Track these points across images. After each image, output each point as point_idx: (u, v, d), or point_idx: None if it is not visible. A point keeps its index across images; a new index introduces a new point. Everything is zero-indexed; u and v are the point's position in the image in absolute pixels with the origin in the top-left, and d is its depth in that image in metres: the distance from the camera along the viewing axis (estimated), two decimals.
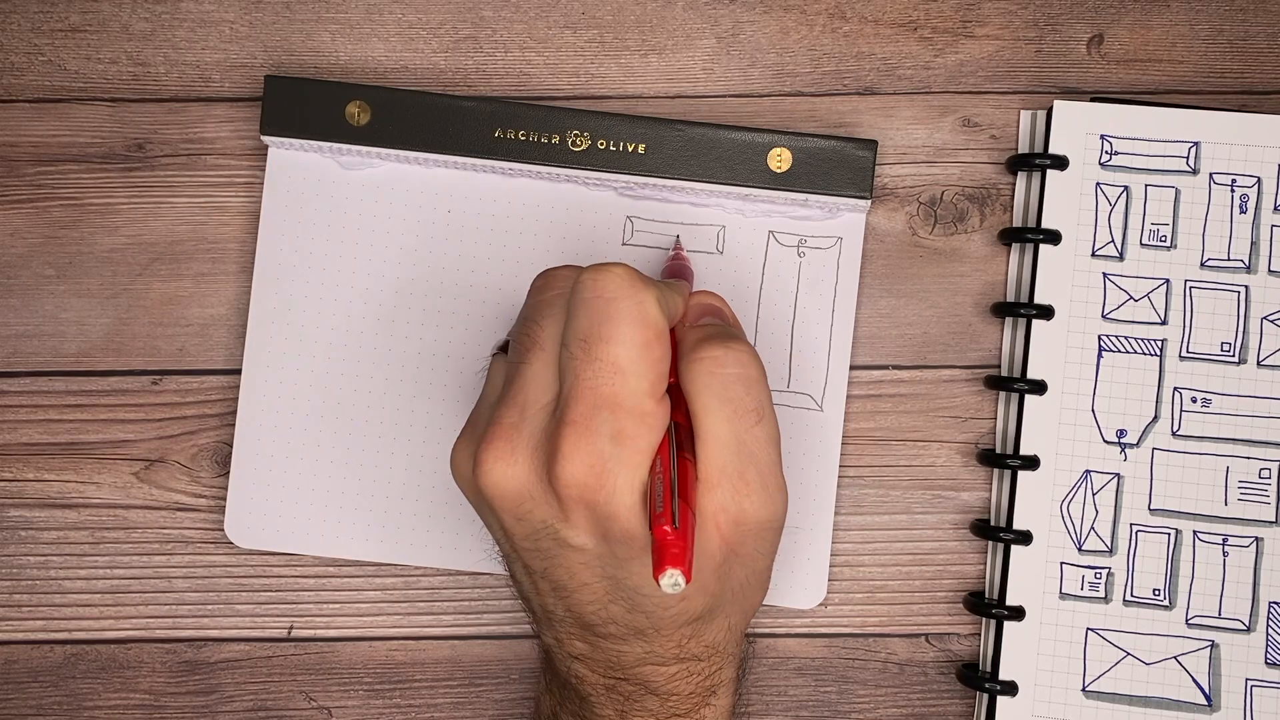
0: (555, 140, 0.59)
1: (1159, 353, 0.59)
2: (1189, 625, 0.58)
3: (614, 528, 0.49)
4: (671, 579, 0.46)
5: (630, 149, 0.59)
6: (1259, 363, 0.59)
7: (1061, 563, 0.59)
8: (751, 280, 0.61)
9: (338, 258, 0.61)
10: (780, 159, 0.59)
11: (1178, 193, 0.60)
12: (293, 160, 0.61)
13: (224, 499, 0.61)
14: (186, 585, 0.61)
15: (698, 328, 0.53)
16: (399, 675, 0.61)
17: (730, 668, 0.54)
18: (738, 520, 0.50)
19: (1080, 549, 0.59)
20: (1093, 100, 0.60)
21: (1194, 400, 0.59)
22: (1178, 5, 0.62)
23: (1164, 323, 0.59)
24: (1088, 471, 0.59)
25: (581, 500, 0.49)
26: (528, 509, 0.50)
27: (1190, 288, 0.59)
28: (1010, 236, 0.60)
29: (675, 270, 0.58)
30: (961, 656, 0.61)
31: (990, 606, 0.59)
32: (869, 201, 0.59)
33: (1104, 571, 0.59)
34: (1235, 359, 0.59)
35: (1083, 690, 0.59)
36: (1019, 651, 0.59)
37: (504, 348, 0.55)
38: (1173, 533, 0.59)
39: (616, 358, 0.49)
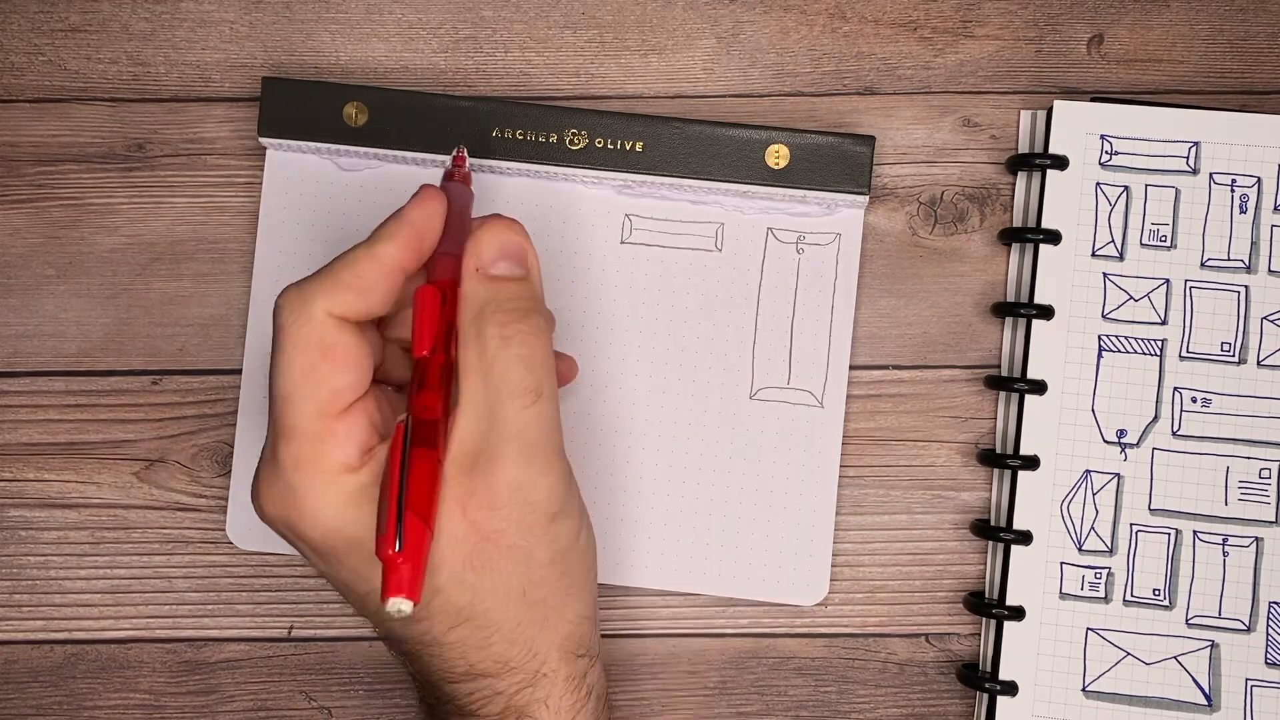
0: (553, 139, 0.59)
1: (1159, 353, 0.59)
2: (1189, 625, 0.58)
3: (335, 545, 0.48)
4: (395, 606, 0.45)
5: (628, 147, 0.59)
6: (1259, 363, 0.59)
7: (1061, 563, 0.59)
8: (751, 277, 0.61)
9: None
10: (778, 156, 0.59)
11: (1178, 193, 0.60)
12: (291, 161, 0.61)
13: (224, 499, 0.61)
14: (186, 585, 0.61)
15: (486, 283, 0.50)
16: (399, 675, 0.61)
17: (545, 687, 0.51)
18: (491, 505, 0.48)
19: (1080, 549, 0.59)
20: (1093, 100, 0.60)
21: (1194, 400, 0.59)
22: (1178, 5, 0.62)
23: (1164, 323, 0.59)
24: (1088, 471, 0.59)
25: (290, 533, 0.49)
26: (293, 545, 0.51)
27: (1190, 288, 0.59)
28: (1010, 236, 0.60)
29: (451, 202, 0.53)
30: (961, 656, 0.61)
31: (990, 606, 0.59)
32: (867, 197, 0.59)
33: (1104, 571, 0.59)
34: (1235, 359, 0.59)
35: (1083, 690, 0.58)
36: (1019, 651, 0.59)
37: None
38: (1173, 533, 0.59)
39: (281, 387, 0.48)
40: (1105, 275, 0.59)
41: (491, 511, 0.48)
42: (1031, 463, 0.59)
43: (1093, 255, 0.59)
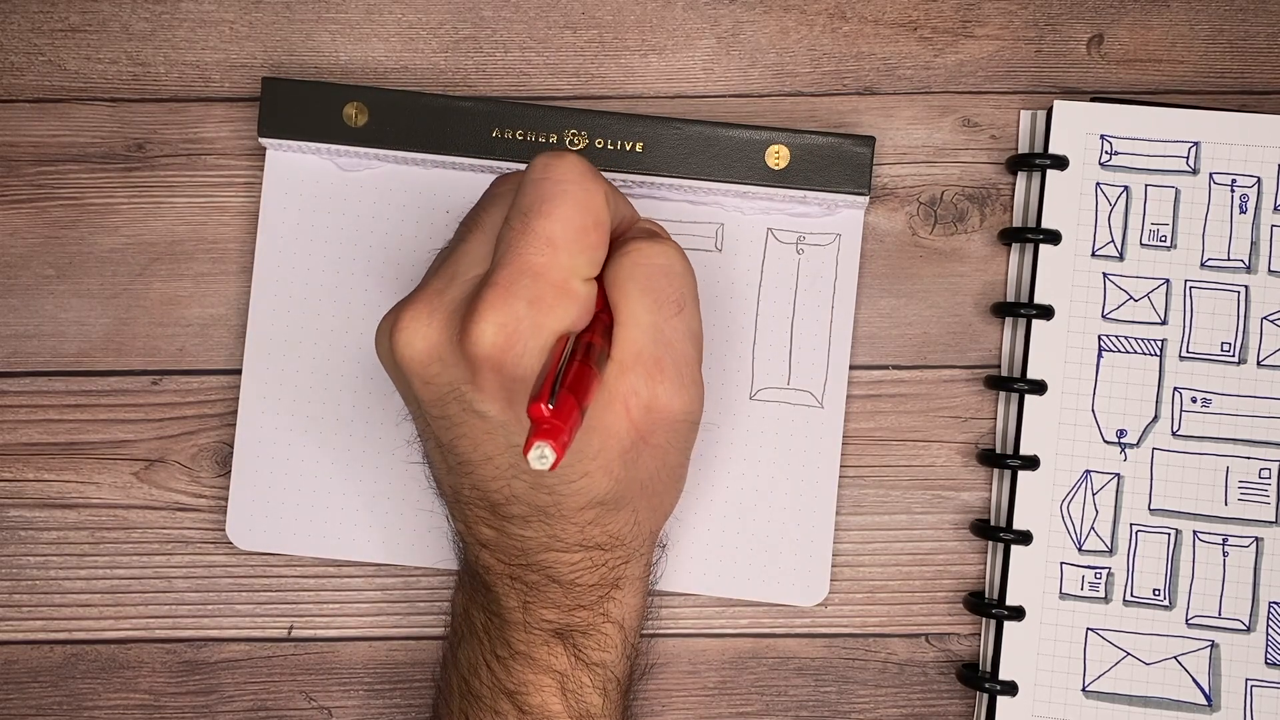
0: (553, 140, 0.59)
1: (1159, 353, 0.59)
2: (1189, 625, 0.58)
3: (520, 392, 0.49)
4: (538, 452, 0.45)
5: (628, 148, 0.59)
6: (1259, 363, 0.59)
7: (1061, 563, 0.59)
8: (751, 277, 0.61)
9: (337, 258, 0.61)
10: (778, 156, 0.59)
11: (1178, 193, 0.60)
12: (291, 162, 0.61)
13: (224, 499, 0.61)
14: (186, 585, 0.61)
15: (637, 231, 0.53)
16: (399, 675, 0.61)
17: (637, 564, 0.55)
18: (649, 406, 0.51)
19: (1080, 549, 0.59)
20: (1093, 100, 0.60)
21: (1194, 400, 0.59)
22: (1178, 5, 0.62)
23: (1164, 323, 0.59)
24: (1088, 471, 0.59)
25: (489, 361, 0.49)
26: (436, 371, 0.51)
27: (1190, 288, 0.59)
28: (1010, 236, 0.60)
29: None
30: (961, 656, 0.61)
31: (990, 606, 0.59)
32: (867, 198, 0.59)
33: (1104, 571, 0.59)
34: (1235, 359, 0.59)
35: (1083, 690, 0.58)
36: (1019, 651, 0.59)
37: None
38: (1173, 533, 0.59)
39: (552, 233, 0.49)
40: (1105, 275, 0.59)
41: (649, 413, 0.52)
42: (1031, 463, 0.59)
43: (1093, 255, 0.59)
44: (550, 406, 0.46)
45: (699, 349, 0.53)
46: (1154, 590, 0.59)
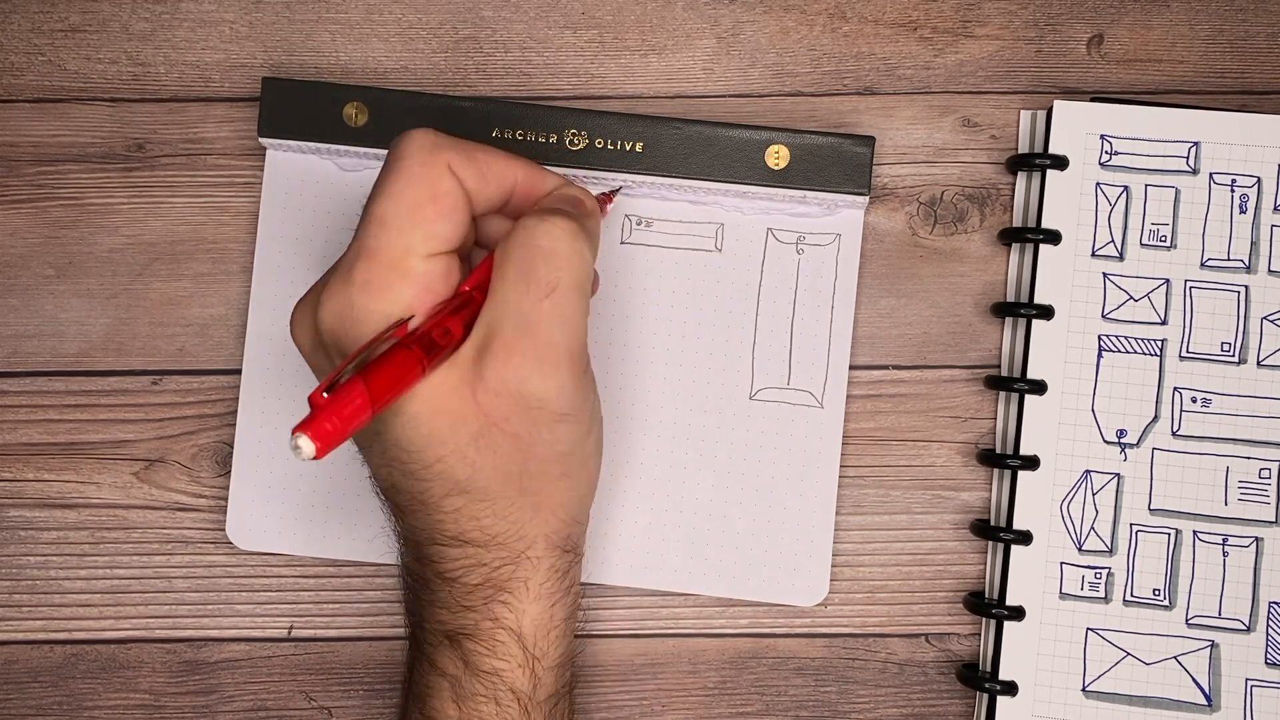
0: (553, 140, 0.59)
1: (1159, 353, 0.59)
2: (1189, 625, 0.58)
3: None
4: (294, 441, 0.45)
5: (628, 148, 0.59)
6: (1259, 363, 0.59)
7: (1061, 563, 0.59)
8: (751, 277, 0.61)
9: (336, 258, 0.61)
10: (778, 156, 0.59)
11: (1178, 193, 0.60)
12: (291, 162, 0.61)
13: (224, 499, 0.61)
14: (186, 585, 0.61)
15: (539, 211, 0.52)
16: (399, 675, 0.61)
17: (530, 569, 0.53)
18: (499, 391, 0.50)
19: (1080, 549, 0.59)
20: (1093, 100, 0.60)
21: (1194, 400, 0.59)
22: (1178, 5, 0.62)
23: (1164, 323, 0.59)
24: (1088, 471, 0.59)
25: (333, 347, 0.50)
26: (318, 361, 0.52)
27: (1190, 288, 0.59)
28: (1010, 236, 0.60)
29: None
30: (961, 656, 0.61)
31: (990, 606, 0.59)
32: (867, 198, 0.59)
33: (1104, 571, 0.59)
34: (1235, 359, 0.59)
35: (1083, 690, 0.58)
36: (1019, 651, 0.59)
37: None
38: (1173, 533, 0.59)
39: (383, 212, 0.49)
40: (1105, 275, 0.59)
41: (497, 398, 0.50)
42: (1031, 463, 0.59)
43: (1093, 255, 0.59)
44: (325, 395, 0.46)
45: (575, 337, 0.51)
46: (1154, 590, 0.59)
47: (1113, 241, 0.59)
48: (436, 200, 0.50)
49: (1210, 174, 0.59)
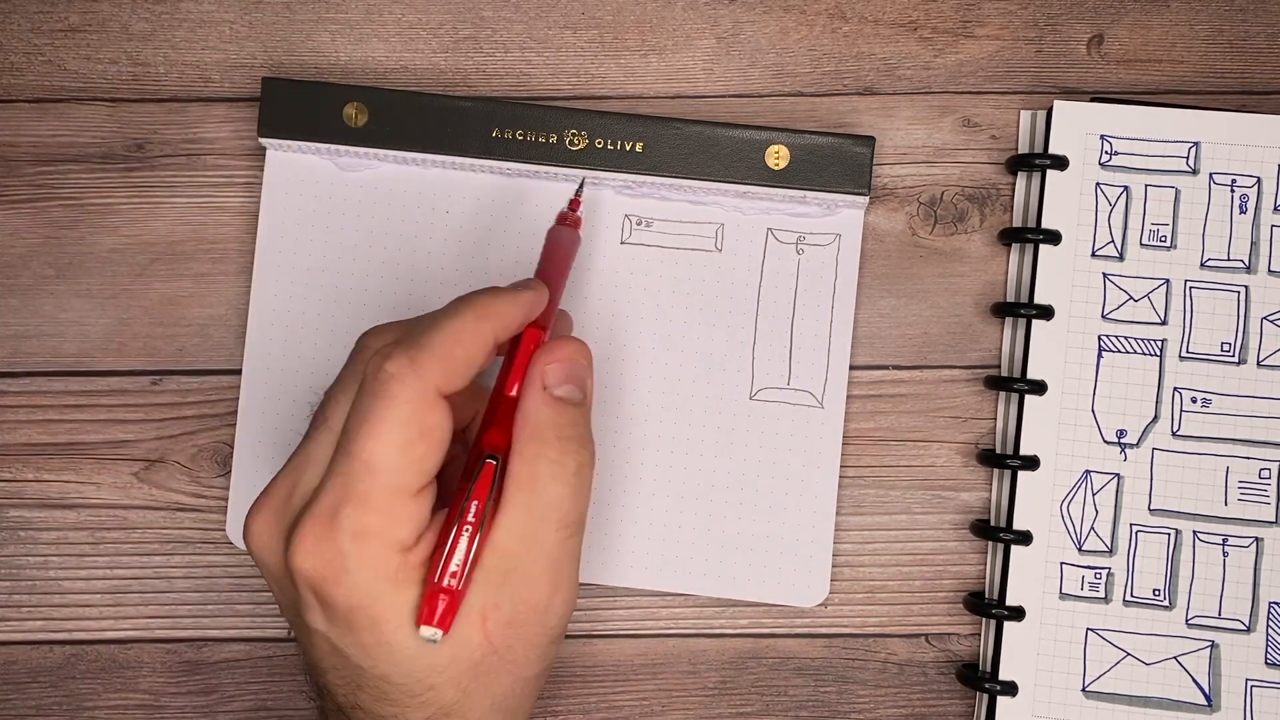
0: (553, 139, 0.59)
1: (1159, 353, 0.59)
2: (1189, 625, 0.58)
3: (359, 617, 0.48)
4: (429, 632, 0.47)
5: (628, 148, 0.59)
6: (1259, 363, 0.59)
7: (1061, 563, 0.59)
8: (750, 277, 0.61)
9: (337, 258, 0.61)
10: (778, 156, 0.59)
11: (1178, 193, 0.60)
12: (291, 162, 0.61)
13: (224, 499, 0.61)
14: (186, 585, 0.61)
15: (550, 404, 0.51)
16: None
17: None
18: (510, 621, 0.49)
19: (1080, 549, 0.59)
20: (1093, 100, 0.60)
21: (1194, 400, 0.59)
22: (1178, 5, 0.62)
23: (1164, 323, 0.59)
24: (1088, 471, 0.59)
25: (310, 587, 0.48)
26: (284, 585, 0.50)
27: (1190, 288, 0.59)
28: (1010, 236, 0.60)
29: (556, 246, 0.56)
30: (961, 656, 0.61)
31: (990, 607, 0.59)
32: (867, 198, 0.59)
33: (1104, 572, 0.59)
34: (1235, 359, 0.59)
35: (1083, 690, 0.58)
36: (1019, 652, 0.59)
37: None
38: (1173, 533, 0.59)
39: (371, 455, 0.47)
40: (1105, 275, 0.59)
41: (508, 628, 0.49)
42: (1031, 463, 0.59)
43: (1093, 255, 0.59)
44: (443, 585, 0.47)
45: (579, 561, 0.51)
46: (1154, 590, 0.59)
47: (1113, 241, 0.59)
48: (427, 436, 0.48)
49: (1210, 174, 0.59)
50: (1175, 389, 0.59)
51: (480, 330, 0.50)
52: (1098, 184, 0.60)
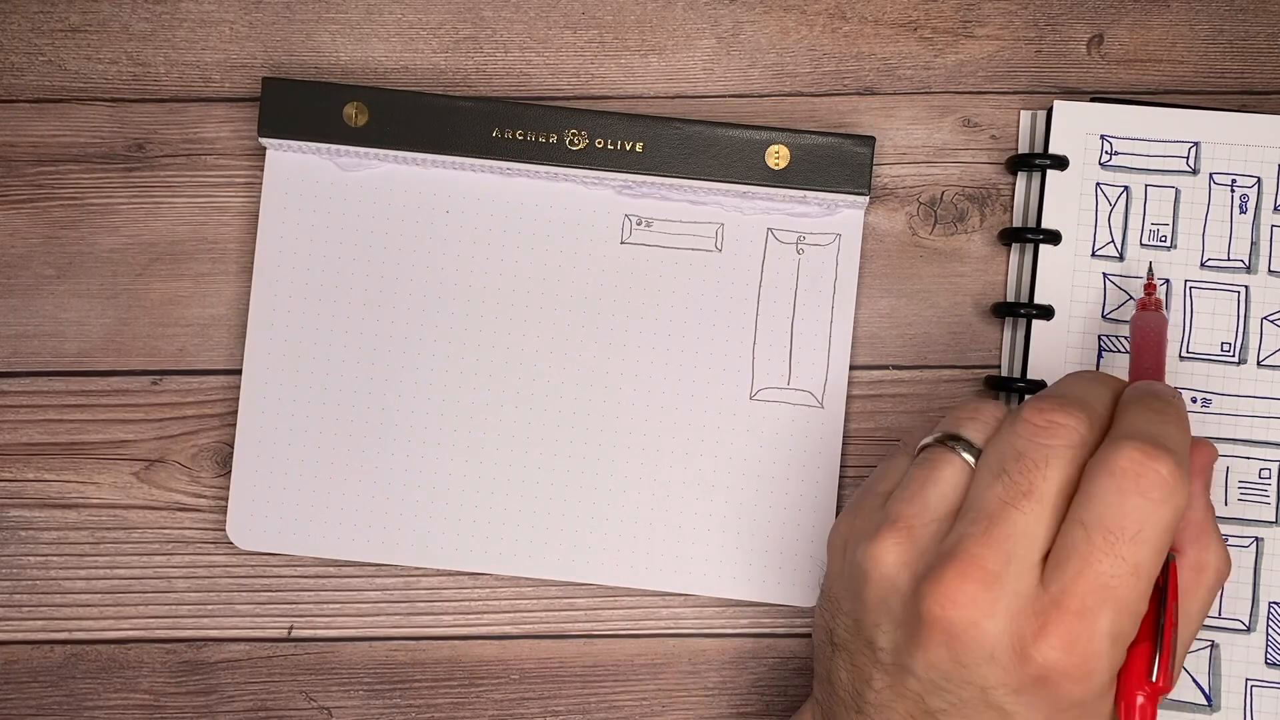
0: (553, 139, 0.59)
1: None
2: None
3: (1073, 714, 0.47)
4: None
5: (628, 147, 0.59)
6: (1259, 363, 0.59)
7: None
8: (750, 278, 0.61)
9: (337, 258, 0.61)
10: (778, 156, 0.59)
11: (1178, 193, 0.60)
12: (291, 162, 0.61)
13: (224, 499, 0.61)
14: (186, 585, 0.61)
15: (1189, 527, 0.50)
16: (399, 675, 0.61)
17: None
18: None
19: None
20: (1093, 100, 0.60)
21: (1194, 400, 0.59)
22: (1178, 5, 0.62)
23: None
24: None
25: (1048, 682, 0.46)
26: (978, 664, 0.47)
27: (1190, 288, 0.59)
28: (1010, 236, 0.60)
29: (1146, 334, 0.55)
30: None
31: None
32: (867, 198, 0.59)
33: None
34: (1235, 359, 0.59)
35: None
36: None
37: (943, 440, 0.51)
38: None
39: (1141, 563, 0.46)
40: (1105, 275, 0.59)
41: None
42: None
43: (1093, 255, 0.59)
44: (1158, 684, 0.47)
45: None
46: None
47: (1113, 241, 0.59)
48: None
49: (1210, 174, 0.59)
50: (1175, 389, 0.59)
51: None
52: (1098, 184, 0.60)
